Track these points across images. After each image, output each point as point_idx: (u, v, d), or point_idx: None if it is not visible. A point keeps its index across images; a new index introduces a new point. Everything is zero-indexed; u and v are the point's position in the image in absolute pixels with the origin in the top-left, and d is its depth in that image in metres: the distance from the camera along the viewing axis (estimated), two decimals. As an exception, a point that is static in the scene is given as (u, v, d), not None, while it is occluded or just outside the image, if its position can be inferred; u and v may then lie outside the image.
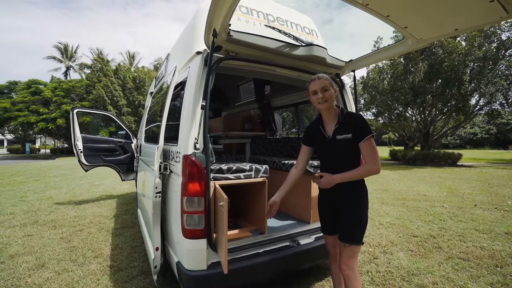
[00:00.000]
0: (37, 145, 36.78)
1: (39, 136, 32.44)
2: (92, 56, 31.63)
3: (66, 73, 36.06)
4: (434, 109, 15.12)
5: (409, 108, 16.44)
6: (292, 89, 3.78)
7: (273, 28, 2.17)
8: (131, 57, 34.32)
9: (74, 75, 36.16)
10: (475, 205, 5.12)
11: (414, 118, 16.95)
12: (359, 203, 1.65)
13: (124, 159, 5.38)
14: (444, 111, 14.84)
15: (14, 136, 32.30)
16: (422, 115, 16.04)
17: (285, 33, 2.18)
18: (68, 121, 21.39)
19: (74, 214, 4.58)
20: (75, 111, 4.79)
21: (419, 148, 17.48)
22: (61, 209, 4.92)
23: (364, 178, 1.69)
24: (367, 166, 1.57)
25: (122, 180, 5.45)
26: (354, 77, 2.67)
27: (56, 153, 26.80)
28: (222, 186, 1.98)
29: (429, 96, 14.48)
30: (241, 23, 2.14)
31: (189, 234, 1.68)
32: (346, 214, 1.66)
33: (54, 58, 35.47)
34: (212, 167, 1.92)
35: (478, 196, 5.93)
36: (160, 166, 2.01)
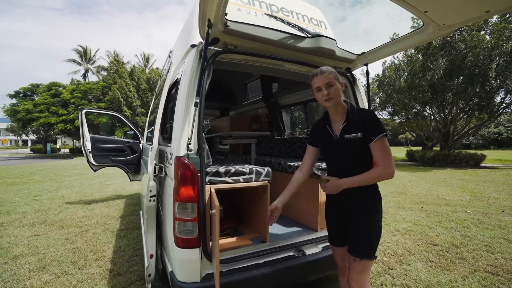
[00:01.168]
0: (58, 145, 38.37)
1: (59, 136, 33.81)
2: (109, 58, 32.65)
3: (84, 76, 37.39)
4: (455, 108, 14.33)
5: (427, 106, 15.70)
6: (300, 86, 3.59)
7: (276, 18, 2.00)
8: (146, 59, 35.06)
9: (92, 77, 37.46)
10: (503, 211, 4.70)
11: (433, 117, 16.18)
12: (371, 212, 1.45)
13: (132, 159, 5.36)
14: (466, 109, 14.03)
15: (36, 137, 33.77)
16: (442, 114, 15.27)
17: (288, 23, 2.00)
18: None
19: (82, 214, 4.60)
20: (83, 111, 4.80)
21: (438, 148, 16.68)
22: (70, 209, 4.97)
23: (378, 183, 1.49)
24: (378, 170, 1.38)
25: (131, 180, 5.43)
26: (367, 71, 2.44)
27: (74, 152, 27.78)
28: (219, 191, 1.84)
29: (450, 94, 13.75)
30: (241, 14, 1.98)
31: (181, 243, 1.55)
32: (356, 224, 1.47)
33: (74, 61, 36.85)
34: (208, 169, 1.77)
35: (505, 201, 5.47)
36: (155, 168, 1.90)
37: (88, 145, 4.88)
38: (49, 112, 23.23)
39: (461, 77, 13.02)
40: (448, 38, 12.49)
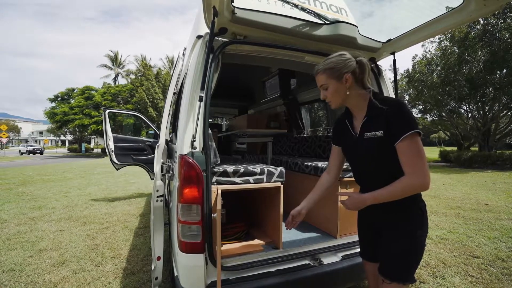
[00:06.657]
0: (92, 145, 41.03)
1: (92, 136, 36.14)
2: (137, 62, 34.24)
3: (115, 79, 39.52)
4: (497, 104, 13.03)
5: (464, 103, 14.46)
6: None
7: (289, 2, 1.83)
8: (170, 62, 36.24)
9: (121, 81, 39.51)
10: (559, 220, 4.10)
11: (470, 114, 14.87)
12: (409, 226, 1.16)
13: (152, 158, 5.46)
14: (511, 105, 12.68)
15: (73, 137, 36.41)
16: (481, 111, 13.96)
17: (303, 9, 1.82)
18: (114, 123, 23.37)
19: (105, 211, 4.75)
20: (106, 112, 4.96)
21: (476, 148, 15.30)
22: (95, 206, 5.16)
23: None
24: (406, 181, 1.07)
25: (151, 179, 5.54)
26: (394, 61, 2.18)
27: (105, 152, 29.55)
28: (229, 192, 1.72)
29: (491, 89, 12.53)
30: (252, 2, 1.84)
31: (184, 247, 1.44)
32: (388, 239, 1.21)
33: (106, 66, 39.15)
34: (215, 169, 1.66)
35: (561, 209, 4.78)
36: (162, 166, 1.82)
37: (111, 144, 5.03)
38: (83, 114, 24.88)
39: (505, 70, 11.81)
40: (489, 27, 11.37)
